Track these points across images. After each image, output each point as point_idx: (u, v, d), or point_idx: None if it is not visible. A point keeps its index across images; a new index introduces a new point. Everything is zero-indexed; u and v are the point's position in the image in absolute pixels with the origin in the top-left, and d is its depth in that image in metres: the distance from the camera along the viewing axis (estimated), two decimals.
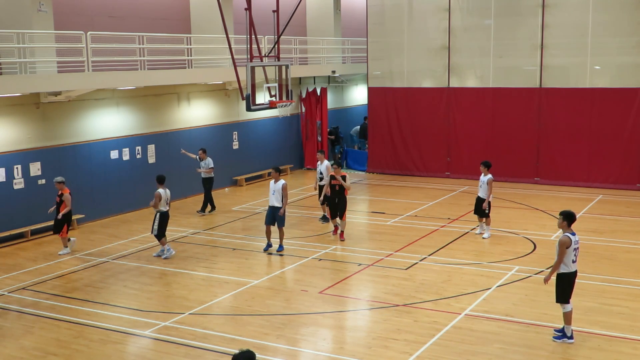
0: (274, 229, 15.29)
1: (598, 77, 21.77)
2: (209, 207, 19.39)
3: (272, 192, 15.11)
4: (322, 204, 18.05)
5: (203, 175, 19.29)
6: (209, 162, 19.29)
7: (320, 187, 17.65)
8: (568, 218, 10.04)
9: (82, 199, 18.05)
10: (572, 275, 10.06)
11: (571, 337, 10.10)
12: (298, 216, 18.53)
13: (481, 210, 16.09)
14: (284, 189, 15.07)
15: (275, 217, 15.12)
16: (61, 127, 17.60)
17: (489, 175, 16.03)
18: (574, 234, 10.00)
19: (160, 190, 14.86)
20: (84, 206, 18.08)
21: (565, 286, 10.05)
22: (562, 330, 10.22)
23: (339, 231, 16.22)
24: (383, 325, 10.94)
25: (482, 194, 16.05)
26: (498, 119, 23.21)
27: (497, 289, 12.51)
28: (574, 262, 10.00)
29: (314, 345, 10.31)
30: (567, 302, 10.08)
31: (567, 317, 10.10)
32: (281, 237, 15.26)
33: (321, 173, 17.55)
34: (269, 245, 15.29)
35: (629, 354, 9.76)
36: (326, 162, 17.61)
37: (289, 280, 13.45)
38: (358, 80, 30.17)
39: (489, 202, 15.93)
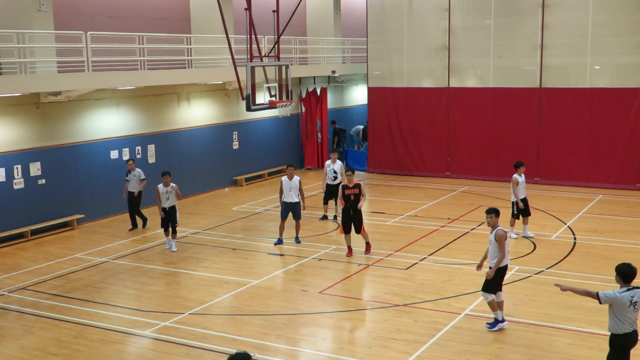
0: (288, 224, 15.80)
1: (598, 77, 21.77)
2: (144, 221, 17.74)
3: (290, 188, 15.52)
4: (325, 203, 18.08)
5: (130, 189, 17.16)
6: (140, 173, 17.21)
7: (329, 186, 17.74)
8: (498, 214, 10.65)
9: (82, 199, 18.07)
10: (505, 268, 10.65)
11: (503, 320, 10.64)
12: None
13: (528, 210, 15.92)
14: (301, 184, 15.68)
15: (292, 211, 15.63)
16: (61, 127, 17.60)
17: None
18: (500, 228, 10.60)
19: None
20: (84, 206, 18.08)
21: (496, 277, 10.53)
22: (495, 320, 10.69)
23: (353, 248, 14.90)
24: (383, 325, 10.94)
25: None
26: (498, 119, 23.21)
27: None
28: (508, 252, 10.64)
29: (314, 345, 10.31)
30: (493, 292, 10.55)
31: (500, 305, 10.64)
32: (298, 229, 15.85)
33: (335, 172, 17.67)
34: (280, 240, 15.74)
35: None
36: (339, 162, 17.81)
37: (289, 280, 13.45)
38: (358, 80, 30.16)
39: (513, 202, 15.96)
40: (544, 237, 15.99)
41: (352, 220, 14.57)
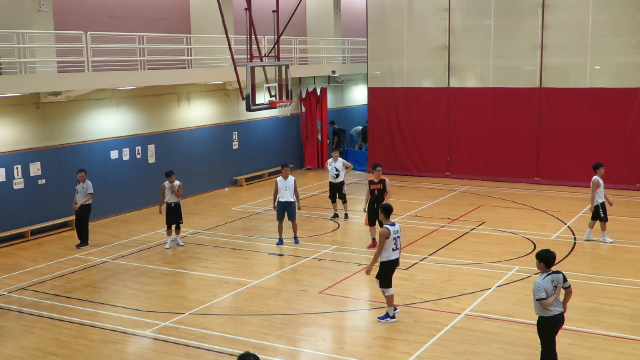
0: (286, 224, 15.77)
1: (598, 77, 21.76)
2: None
3: (285, 188, 15.52)
4: (333, 202, 18.08)
5: (79, 201, 15.86)
6: (89, 185, 15.91)
7: (331, 184, 17.79)
8: (385, 211, 10.97)
9: None
10: (394, 263, 10.96)
11: (394, 317, 11.03)
12: (298, 216, 18.43)
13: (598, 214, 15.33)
14: (296, 184, 15.71)
15: (287, 211, 15.60)
16: (61, 127, 17.60)
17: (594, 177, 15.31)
18: (393, 225, 10.86)
19: None
20: None
21: (386, 273, 10.90)
22: (387, 313, 11.14)
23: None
24: (383, 325, 10.94)
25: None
26: (498, 119, 23.21)
27: (497, 289, 12.51)
28: (394, 250, 10.89)
29: (314, 345, 10.31)
30: (390, 286, 10.93)
31: (390, 300, 10.98)
32: (295, 229, 15.85)
33: (337, 170, 17.71)
34: (281, 240, 15.77)
35: (629, 354, 9.77)
36: (341, 160, 17.84)
37: (289, 280, 13.44)
38: (358, 80, 30.16)
39: (596, 206, 15.21)
40: (544, 237, 15.99)
41: (375, 213, 14.89)
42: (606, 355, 9.73)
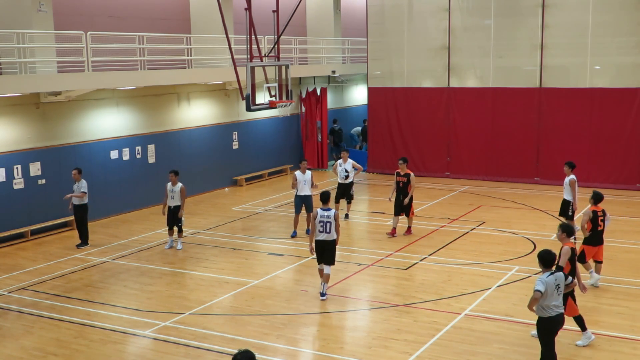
0: (301, 218, 16.48)
1: (598, 77, 21.76)
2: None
3: (304, 182, 16.12)
4: (337, 202, 18.05)
5: (75, 202, 15.78)
6: (82, 185, 15.68)
7: (340, 185, 17.92)
8: (321, 196, 12.06)
9: None
10: (318, 243, 11.92)
11: (324, 295, 12.05)
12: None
13: (566, 212, 15.45)
14: (313, 178, 16.41)
15: (305, 204, 16.21)
16: (61, 127, 17.60)
17: (572, 176, 15.50)
18: (327, 210, 11.86)
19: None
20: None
21: (316, 250, 12.00)
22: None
23: (397, 231, 16.28)
24: (383, 325, 10.94)
25: (566, 195, 15.54)
26: (498, 119, 23.21)
27: (497, 289, 12.52)
28: (320, 231, 11.88)
29: (314, 345, 10.32)
30: (319, 263, 11.98)
31: (321, 274, 12.11)
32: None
33: (347, 171, 17.85)
34: (295, 233, 16.40)
35: (629, 354, 9.78)
36: (350, 161, 17.98)
37: (289, 280, 13.45)
38: (358, 80, 30.16)
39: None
40: (544, 237, 15.99)
41: (400, 204, 15.93)
42: (606, 355, 9.73)
